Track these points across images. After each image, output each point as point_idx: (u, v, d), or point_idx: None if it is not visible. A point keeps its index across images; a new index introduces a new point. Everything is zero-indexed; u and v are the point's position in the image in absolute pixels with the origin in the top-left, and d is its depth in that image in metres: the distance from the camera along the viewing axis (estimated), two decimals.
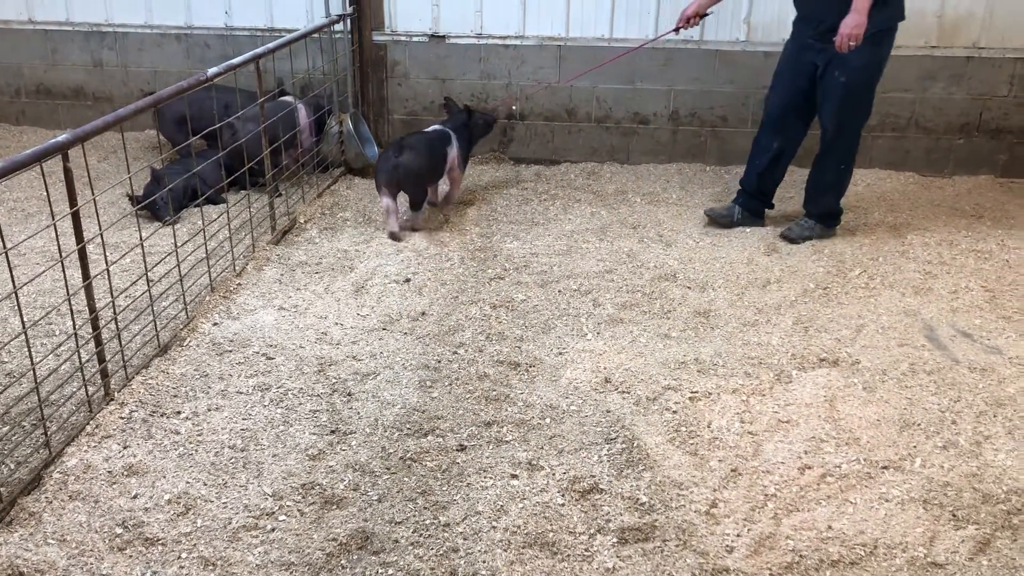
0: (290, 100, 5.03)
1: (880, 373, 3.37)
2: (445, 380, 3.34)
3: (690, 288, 4.09)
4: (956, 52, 5.31)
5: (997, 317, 3.81)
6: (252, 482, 2.78)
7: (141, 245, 3.46)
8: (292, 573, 2.44)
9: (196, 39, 5.88)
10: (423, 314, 3.82)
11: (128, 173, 3.40)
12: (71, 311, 3.08)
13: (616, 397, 3.24)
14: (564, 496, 2.72)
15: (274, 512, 2.66)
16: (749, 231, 4.71)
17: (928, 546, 2.53)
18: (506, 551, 2.51)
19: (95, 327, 3.10)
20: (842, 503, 2.70)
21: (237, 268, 4.16)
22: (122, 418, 3.06)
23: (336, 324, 3.72)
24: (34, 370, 2.83)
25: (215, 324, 3.70)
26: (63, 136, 2.83)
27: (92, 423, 3.02)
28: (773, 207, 4.85)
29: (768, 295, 4.01)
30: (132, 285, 3.77)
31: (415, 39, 5.70)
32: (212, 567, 2.46)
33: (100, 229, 3.14)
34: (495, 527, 2.60)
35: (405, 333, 3.67)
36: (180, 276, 3.74)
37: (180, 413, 3.11)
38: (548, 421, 3.10)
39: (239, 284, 4.05)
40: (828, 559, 2.48)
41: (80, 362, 3.08)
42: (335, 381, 3.31)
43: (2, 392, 3.07)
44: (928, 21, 5.23)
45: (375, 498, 2.71)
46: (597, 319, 3.81)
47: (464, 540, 2.56)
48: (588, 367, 3.43)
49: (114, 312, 3.34)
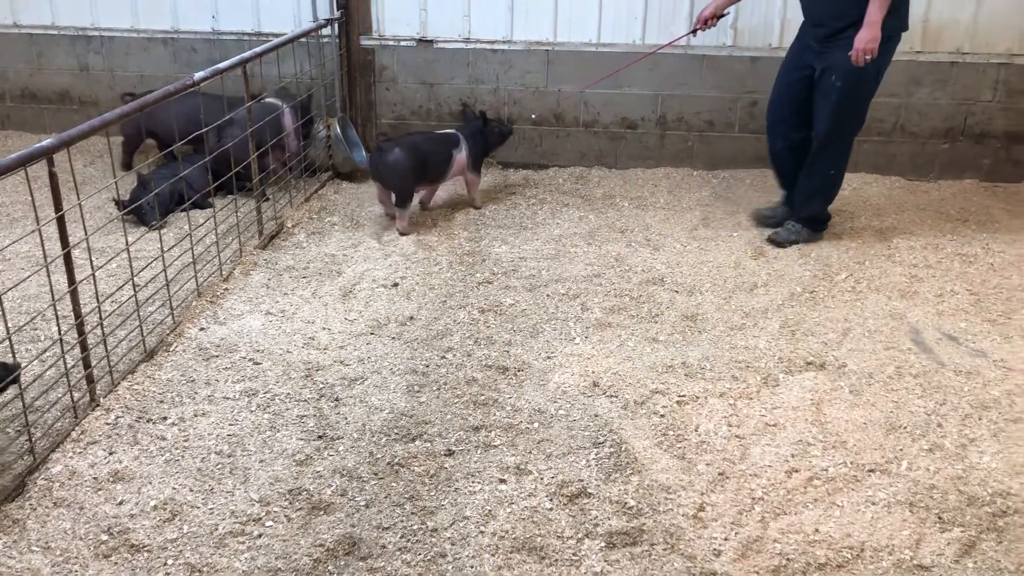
0: (276, 103, 5.02)
1: (866, 376, 3.39)
2: (433, 385, 3.33)
3: (678, 292, 4.10)
4: (941, 57, 5.35)
5: (982, 320, 3.84)
6: (239, 488, 2.77)
7: (127, 250, 3.45)
8: None
9: (183, 43, 5.86)
10: (411, 318, 3.81)
11: (114, 178, 3.39)
12: (56, 316, 3.07)
13: (604, 401, 3.25)
14: (552, 500, 2.72)
15: (261, 518, 2.65)
16: (736, 235, 4.73)
17: (914, 549, 2.54)
18: (494, 556, 2.51)
19: (80, 332, 3.08)
20: (829, 506, 2.71)
21: (224, 273, 4.15)
22: (108, 424, 3.04)
23: (324, 329, 3.71)
24: (19, 376, 2.81)
25: (202, 329, 3.69)
26: (48, 140, 2.82)
27: (77, 429, 3.00)
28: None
29: (755, 299, 4.02)
30: (118, 290, 3.75)
31: (403, 43, 5.70)
32: (198, 574, 2.44)
33: (86, 234, 3.12)
34: (483, 532, 2.59)
35: (393, 338, 3.66)
36: (167, 281, 3.73)
37: (166, 419, 3.09)
38: (536, 425, 3.10)
39: (226, 289, 4.03)
40: (815, 562, 2.49)
41: (65, 367, 3.06)
42: (322, 386, 3.30)
43: None
44: (913, 26, 5.25)
45: (362, 503, 2.70)
46: (585, 323, 3.81)
47: (452, 545, 2.55)
48: (576, 371, 3.43)
49: (100, 317, 3.32)
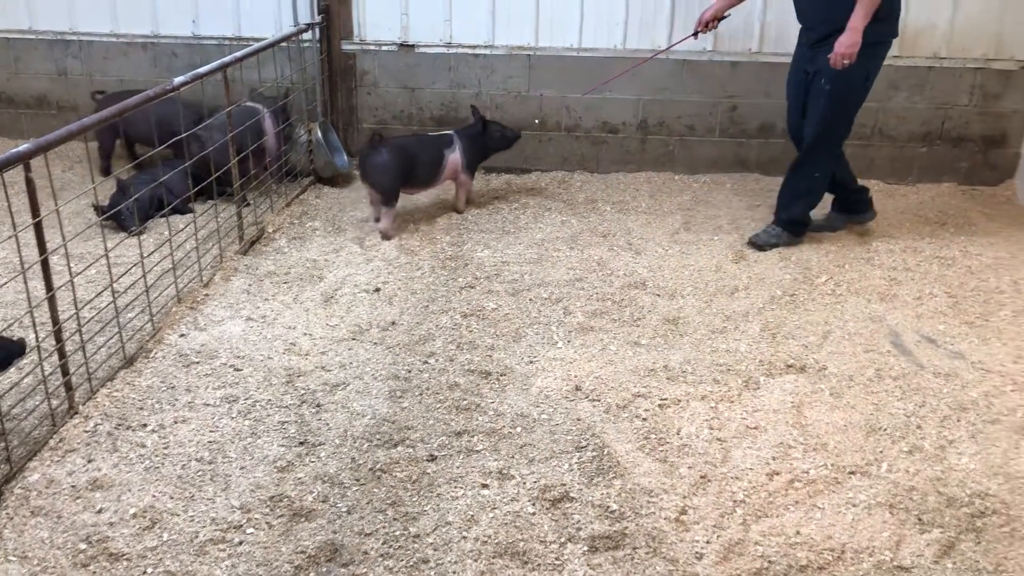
0: (256, 107, 5.00)
1: (847, 379, 3.41)
2: (415, 390, 3.32)
3: (659, 296, 4.11)
4: (918, 62, 5.41)
5: (960, 323, 3.87)
6: (219, 495, 2.75)
7: (106, 255, 3.42)
8: None
9: (163, 48, 5.83)
10: (393, 323, 3.81)
11: (93, 183, 3.36)
12: (33, 323, 3.04)
13: (586, 405, 3.25)
14: (535, 505, 2.72)
15: (242, 525, 2.63)
16: (717, 239, 4.75)
17: (894, 550, 2.56)
18: (476, 561, 2.50)
19: (58, 339, 3.05)
20: (810, 508, 2.72)
21: (204, 279, 4.13)
22: (86, 431, 3.01)
23: (305, 334, 3.69)
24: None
25: (182, 335, 3.66)
26: (25, 146, 2.79)
27: (55, 437, 2.98)
28: (866, 191, 4.80)
29: (736, 302, 4.04)
30: (97, 296, 3.72)
31: (384, 48, 5.70)
32: None
33: (64, 240, 3.09)
34: (465, 537, 2.59)
35: (375, 343, 3.65)
36: (146, 287, 3.70)
37: (146, 426, 3.07)
38: (519, 430, 3.10)
39: (206, 295, 4.01)
40: (796, 564, 2.50)
41: (43, 375, 3.03)
42: (304, 392, 3.29)
43: None
44: None
45: (344, 510, 2.69)
46: (568, 327, 3.82)
47: (434, 551, 2.55)
48: (559, 375, 3.43)
49: (78, 324, 3.29)
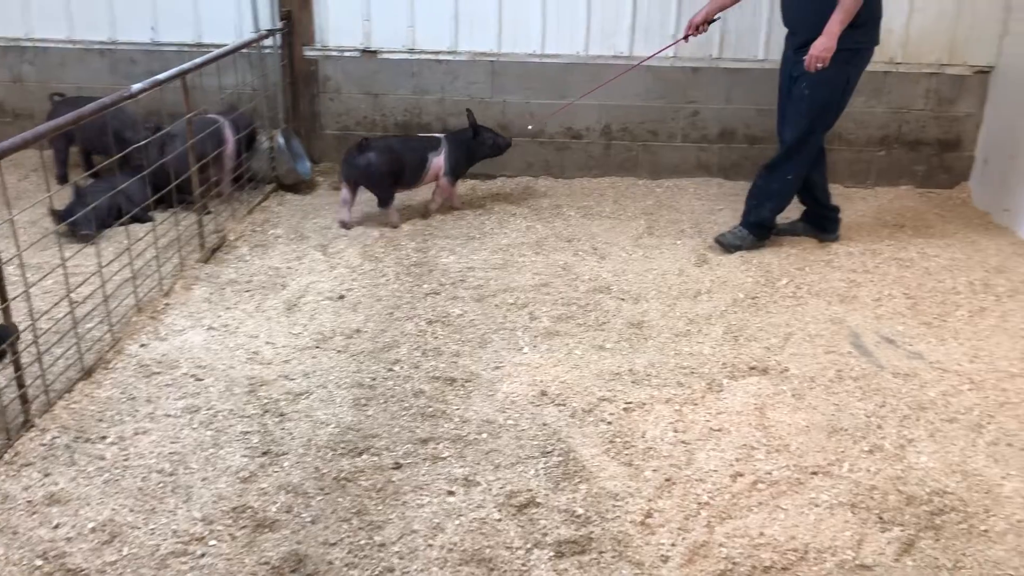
0: (215, 118, 4.95)
1: (808, 380, 3.45)
2: (380, 398, 3.31)
3: (624, 300, 4.13)
4: (876, 67, 5.46)
5: (918, 323, 3.94)
6: (181, 507, 2.71)
7: (63, 265, 3.37)
8: None
9: (121, 55, 5.75)
10: (357, 331, 3.78)
11: (48, 191, 3.30)
12: None
13: (552, 410, 3.25)
14: (501, 511, 2.72)
15: (204, 537, 2.59)
16: (680, 243, 4.79)
17: (856, 549, 2.59)
18: (442, 569, 2.49)
19: (14, 351, 2.99)
20: (773, 509, 2.74)
21: (165, 288, 4.07)
22: (43, 445, 2.96)
23: (267, 343, 3.66)
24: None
25: (142, 345, 3.61)
26: None
27: (10, 451, 2.91)
28: (836, 212, 4.86)
29: (699, 305, 4.07)
30: (54, 306, 3.65)
31: (347, 54, 5.67)
32: None
33: (19, 249, 3.04)
34: (431, 545, 2.58)
35: (339, 351, 3.62)
36: (105, 297, 3.64)
37: (105, 438, 3.02)
38: (485, 436, 3.09)
39: (167, 304, 3.96)
40: (760, 565, 2.52)
41: None
42: (267, 401, 3.26)
43: None
44: None
45: (308, 520, 2.67)
46: (533, 332, 3.82)
47: (400, 559, 2.53)
48: (525, 381, 3.43)
49: (34, 335, 3.23)
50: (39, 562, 2.47)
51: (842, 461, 2.97)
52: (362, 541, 2.59)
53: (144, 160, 4.49)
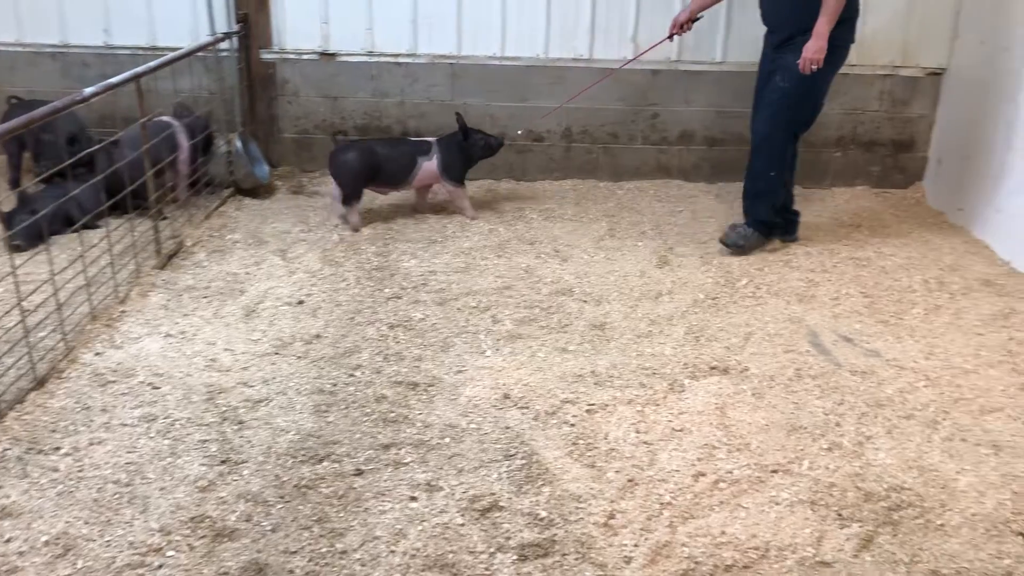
0: (169, 121, 4.88)
1: (768, 379, 3.48)
2: (341, 404, 3.28)
3: (586, 302, 4.14)
4: None
5: (875, 322, 3.99)
6: (138, 518, 2.66)
7: (14, 272, 3.29)
8: None
9: (73, 58, 5.64)
10: (317, 336, 3.74)
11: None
12: None
13: (515, 413, 3.25)
14: (464, 516, 2.70)
15: (162, 548, 2.55)
16: (641, 245, 4.81)
17: (816, 546, 2.62)
18: (405, 575, 2.47)
19: None
20: (735, 508, 2.76)
21: (120, 295, 4.00)
22: None
23: (226, 350, 3.61)
24: None
25: (97, 354, 3.54)
26: None
27: None
28: (796, 216, 4.91)
29: (660, 307, 4.09)
30: (5, 315, 3.57)
31: (305, 57, 5.62)
32: None
33: None
34: (394, 551, 2.56)
35: (299, 357, 3.59)
36: (58, 304, 3.57)
37: (59, 449, 2.95)
38: (447, 440, 3.08)
39: (122, 311, 3.89)
40: (722, 564, 2.53)
41: None
42: (225, 409, 3.21)
43: None
44: None
45: (269, 528, 2.63)
46: (496, 335, 3.81)
47: (362, 567, 2.51)
48: (487, 384, 3.42)
49: None
50: None
51: (802, 459, 3.00)
52: (323, 549, 2.56)
53: (95, 166, 4.40)
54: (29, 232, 4.20)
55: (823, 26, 4.20)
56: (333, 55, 5.61)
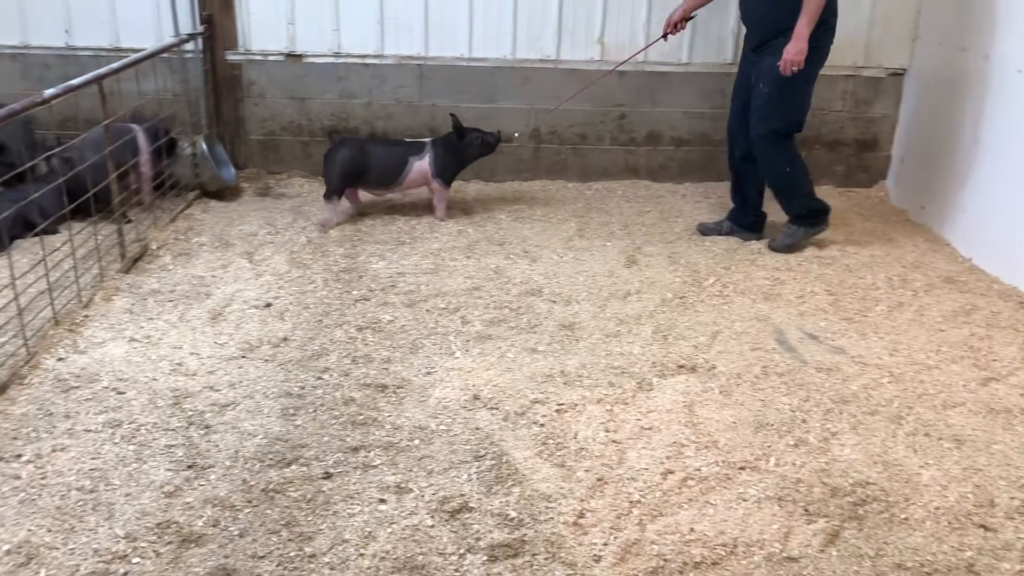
0: (130, 126, 4.82)
1: (735, 377, 3.51)
2: (309, 407, 3.25)
3: (555, 302, 4.15)
4: None
5: (840, 319, 4.04)
6: (102, 524, 2.62)
7: None
8: None
9: (34, 59, 5.55)
10: (285, 339, 3.72)
11: None
12: None
13: (485, 414, 3.24)
14: (434, 517, 2.70)
15: (127, 555, 2.51)
16: (610, 245, 4.83)
17: (783, 541, 2.64)
18: None
19: None
20: (703, 505, 2.78)
21: (84, 299, 3.94)
22: None
23: (192, 354, 3.57)
24: None
25: (60, 359, 3.49)
26: None
27: None
28: (763, 217, 4.97)
29: (629, 306, 4.11)
30: None
31: (271, 58, 5.58)
32: None
33: None
34: (363, 554, 2.54)
35: (266, 360, 3.56)
36: (19, 310, 3.51)
37: (21, 456, 2.90)
38: (417, 442, 3.07)
39: (86, 316, 3.83)
40: (691, 561, 2.55)
41: None
42: (191, 413, 3.18)
43: None
44: None
45: (236, 533, 2.61)
46: (465, 336, 3.81)
47: (331, 570, 2.49)
48: (457, 385, 3.42)
49: None
50: None
51: (769, 455, 3.03)
52: (292, 553, 2.54)
53: (52, 171, 4.34)
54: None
55: (803, 28, 4.24)
56: (299, 56, 5.58)
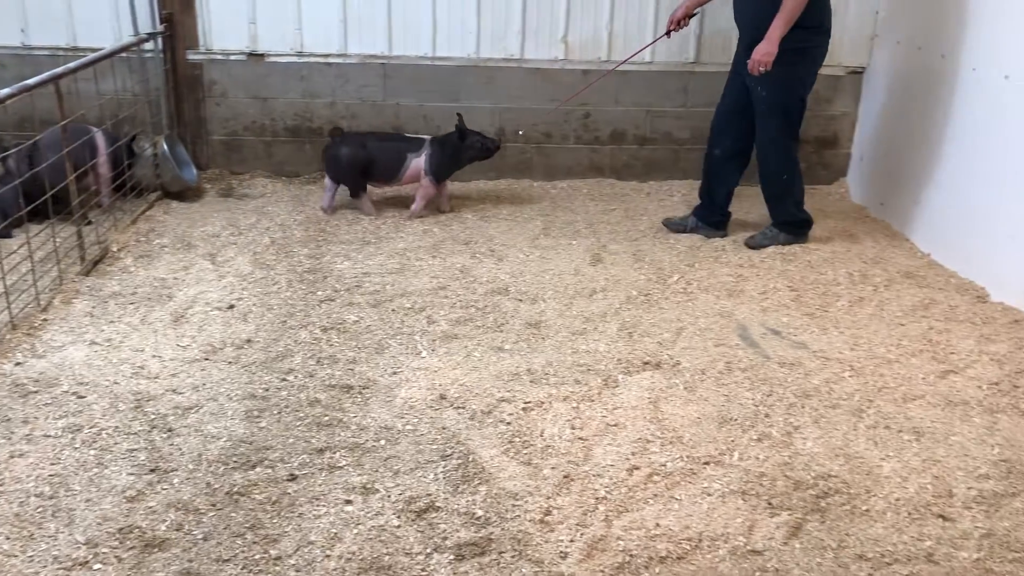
0: (88, 127, 4.75)
1: (699, 373, 3.54)
2: (274, 408, 3.23)
3: (521, 301, 4.15)
4: None
5: (802, 314, 4.09)
6: (63, 531, 2.58)
7: None
8: None
9: None
10: (248, 341, 3.69)
11: None
12: None
13: (452, 413, 3.24)
14: (400, 517, 2.69)
15: (88, 561, 2.48)
16: (575, 243, 4.85)
17: (748, 535, 2.67)
18: None
19: None
20: (668, 500, 2.80)
21: (42, 302, 3.88)
22: None
23: (154, 356, 3.53)
24: None
25: (17, 364, 3.43)
26: None
27: None
28: (728, 216, 5.01)
29: (594, 304, 4.13)
30: None
31: (232, 57, 5.53)
32: None
33: None
34: (329, 556, 2.53)
35: (229, 362, 3.52)
36: None
37: None
38: (383, 443, 3.06)
39: (45, 320, 3.77)
40: (657, 556, 2.57)
41: None
42: (154, 417, 3.14)
43: None
44: (729, 42, 5.58)
45: (200, 537, 2.58)
46: (431, 336, 3.80)
47: (297, 572, 2.47)
48: (423, 385, 3.41)
49: None
50: None
51: (733, 450, 3.06)
52: (257, 556, 2.52)
53: (8, 172, 4.26)
54: None
55: (775, 29, 4.27)
56: (262, 56, 5.53)
